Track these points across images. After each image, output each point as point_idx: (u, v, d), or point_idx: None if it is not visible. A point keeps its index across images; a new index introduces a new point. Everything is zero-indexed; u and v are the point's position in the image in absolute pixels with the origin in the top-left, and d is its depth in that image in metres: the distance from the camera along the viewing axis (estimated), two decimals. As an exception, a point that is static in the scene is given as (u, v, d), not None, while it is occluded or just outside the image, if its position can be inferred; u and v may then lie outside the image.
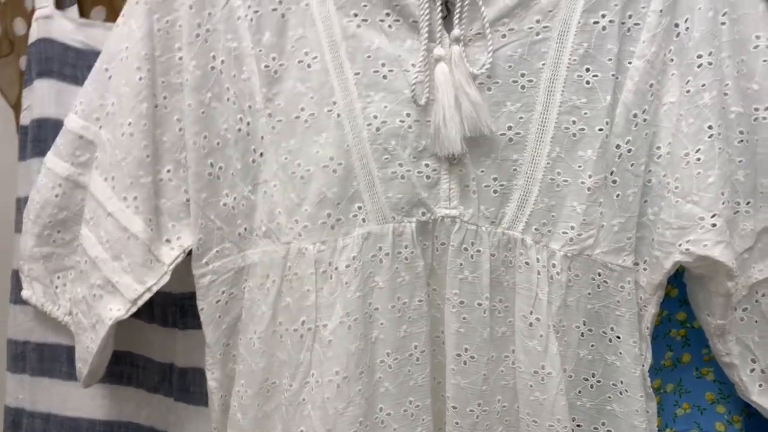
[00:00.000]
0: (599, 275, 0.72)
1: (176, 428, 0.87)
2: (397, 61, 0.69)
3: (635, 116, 0.70)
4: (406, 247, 0.71)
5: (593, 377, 0.74)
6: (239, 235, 0.73)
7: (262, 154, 0.71)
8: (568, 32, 0.69)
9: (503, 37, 0.69)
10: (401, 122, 0.70)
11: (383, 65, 0.70)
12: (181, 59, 0.71)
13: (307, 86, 0.70)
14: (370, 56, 0.70)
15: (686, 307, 0.81)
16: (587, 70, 0.69)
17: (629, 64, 0.70)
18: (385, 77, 0.70)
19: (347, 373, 0.70)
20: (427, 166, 0.71)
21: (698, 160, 0.69)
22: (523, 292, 0.72)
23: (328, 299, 0.71)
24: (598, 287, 0.73)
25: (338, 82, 0.69)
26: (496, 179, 0.72)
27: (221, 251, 0.73)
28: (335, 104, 0.70)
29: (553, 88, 0.70)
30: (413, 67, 0.69)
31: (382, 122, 0.70)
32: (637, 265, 0.73)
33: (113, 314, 0.73)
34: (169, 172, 0.73)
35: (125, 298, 0.72)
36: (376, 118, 0.70)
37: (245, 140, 0.71)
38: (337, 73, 0.69)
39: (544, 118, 0.70)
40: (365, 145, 0.70)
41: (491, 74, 0.69)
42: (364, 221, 0.71)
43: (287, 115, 0.70)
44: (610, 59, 0.69)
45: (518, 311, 0.72)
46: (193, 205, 0.72)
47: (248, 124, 0.71)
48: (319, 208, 0.70)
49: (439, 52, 0.69)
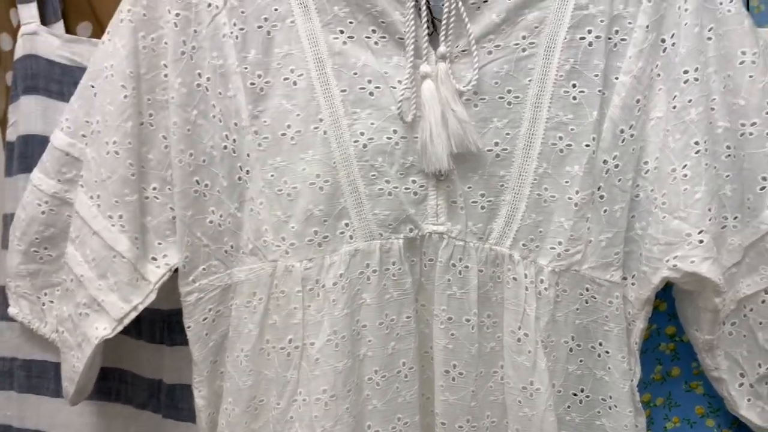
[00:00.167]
0: (587, 290, 0.72)
1: (165, 445, 0.87)
2: (383, 77, 0.69)
3: (622, 132, 0.70)
4: (393, 263, 0.71)
5: (582, 392, 0.74)
6: (226, 252, 0.73)
7: (248, 171, 0.71)
8: (554, 48, 0.69)
9: (489, 53, 0.69)
10: (388, 139, 0.70)
11: (369, 82, 0.69)
12: (166, 77, 0.70)
13: (293, 103, 0.70)
14: (356, 73, 0.69)
15: (675, 320, 0.81)
16: (574, 86, 0.69)
17: (616, 79, 0.70)
18: (371, 94, 0.70)
19: (335, 391, 0.69)
20: (414, 182, 0.71)
21: (685, 176, 0.69)
22: (511, 307, 0.72)
23: (315, 317, 0.70)
24: (586, 302, 0.73)
25: (324, 99, 0.69)
26: (483, 195, 0.71)
27: (208, 269, 0.73)
28: (321, 121, 0.69)
29: (539, 104, 0.70)
30: (400, 83, 0.69)
31: (368, 139, 0.70)
32: (625, 280, 0.73)
33: (99, 333, 0.72)
34: (155, 189, 0.72)
35: (111, 316, 0.72)
36: (362, 135, 0.70)
37: (231, 158, 0.71)
38: (323, 90, 0.69)
39: (530, 134, 0.70)
40: (352, 162, 0.70)
41: (478, 91, 0.69)
42: (351, 238, 0.71)
43: (273, 132, 0.70)
44: (596, 75, 0.69)
45: (506, 327, 0.72)
46: (179, 222, 0.71)
47: (234, 141, 0.71)
48: (305, 225, 0.70)
49: (425, 69, 0.68)
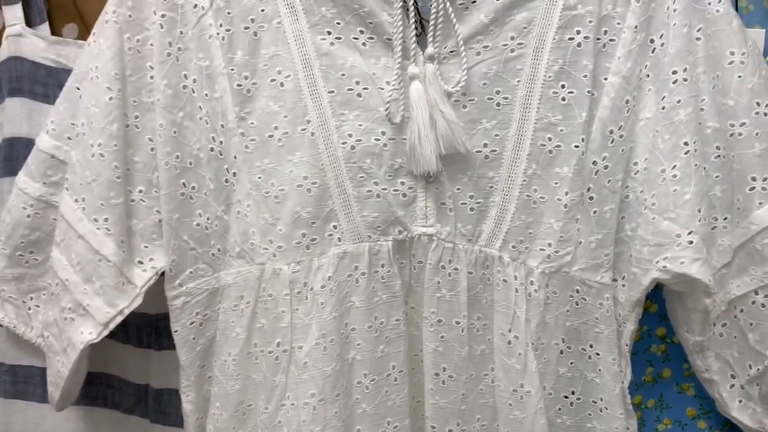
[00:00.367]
0: (577, 292, 0.72)
1: (153, 450, 0.86)
2: (371, 79, 0.69)
3: (611, 132, 0.70)
4: (382, 266, 0.71)
5: (573, 395, 0.74)
6: (213, 256, 0.72)
7: (235, 173, 0.71)
8: (543, 49, 0.69)
9: (478, 54, 0.69)
10: (376, 140, 0.69)
11: (357, 83, 0.69)
12: (152, 78, 0.70)
13: (280, 105, 0.69)
14: (344, 74, 0.69)
15: (666, 322, 0.81)
16: (563, 86, 0.69)
17: (605, 80, 0.70)
18: (359, 95, 0.69)
19: (323, 395, 0.69)
20: (402, 184, 0.71)
21: (674, 176, 0.69)
22: (501, 309, 0.72)
23: (303, 320, 0.70)
24: (576, 304, 0.72)
25: (312, 100, 0.69)
26: (472, 197, 0.71)
27: (195, 272, 0.72)
28: (309, 123, 0.69)
29: (528, 104, 0.69)
30: (388, 85, 0.68)
31: (356, 141, 0.69)
32: (615, 281, 0.73)
33: (84, 338, 0.71)
34: (141, 192, 0.72)
35: (96, 321, 0.71)
36: (350, 136, 0.69)
37: (218, 160, 0.71)
38: (310, 91, 0.69)
39: (519, 135, 0.70)
40: (340, 163, 0.69)
41: (466, 92, 0.69)
42: (339, 240, 0.70)
43: (260, 134, 0.70)
44: (585, 75, 0.69)
45: (497, 329, 0.72)
46: (165, 225, 0.71)
47: (221, 143, 0.70)
48: (293, 227, 0.70)
49: (413, 70, 0.68)
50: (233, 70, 0.69)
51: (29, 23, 0.82)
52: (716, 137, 0.70)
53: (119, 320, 0.72)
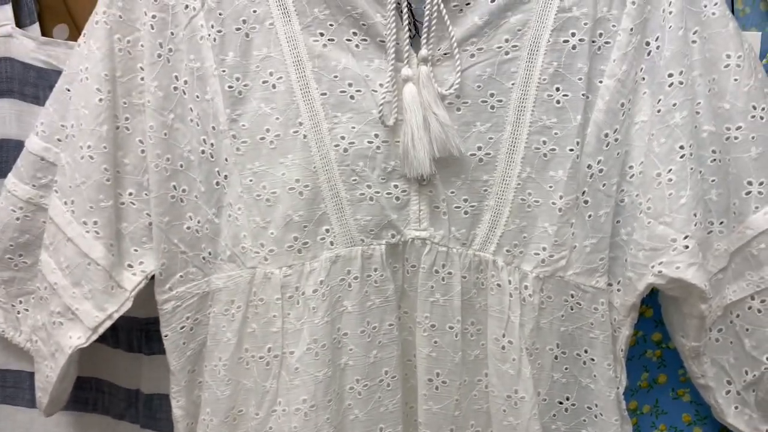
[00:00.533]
0: (572, 297, 0.71)
1: (143, 456, 0.85)
2: (364, 81, 0.68)
3: (606, 136, 0.69)
4: (375, 270, 0.70)
5: (567, 400, 0.73)
6: (203, 259, 0.71)
7: (226, 176, 0.70)
8: (537, 51, 0.68)
9: (472, 56, 0.68)
10: (369, 143, 0.69)
11: (350, 85, 0.68)
12: (143, 80, 0.69)
13: (272, 107, 0.68)
14: (336, 76, 0.68)
15: (661, 327, 0.80)
16: (557, 89, 0.68)
17: (600, 83, 0.69)
18: (352, 97, 0.68)
19: (315, 401, 0.68)
20: (396, 187, 0.70)
21: (670, 180, 0.68)
22: (495, 314, 0.71)
23: (294, 325, 0.69)
24: (571, 309, 0.72)
25: (304, 102, 0.68)
26: (466, 200, 0.70)
27: (185, 276, 0.71)
28: (301, 125, 0.68)
29: (522, 107, 0.69)
30: (381, 87, 0.68)
31: (349, 143, 0.69)
32: (610, 286, 0.72)
33: (73, 342, 0.70)
34: (131, 195, 0.71)
35: (85, 325, 0.70)
36: (343, 139, 0.69)
37: (209, 162, 0.70)
38: (303, 93, 0.68)
39: (514, 138, 0.69)
40: (333, 166, 0.69)
41: (460, 94, 0.68)
42: (332, 244, 0.70)
43: (252, 136, 0.69)
44: (580, 78, 0.68)
45: (491, 334, 0.71)
46: (155, 229, 0.70)
47: (212, 145, 0.69)
48: (285, 231, 0.69)
49: (406, 72, 0.67)
50: (224, 71, 0.68)
51: (19, 24, 0.81)
52: (712, 141, 0.70)
53: (108, 325, 0.71)
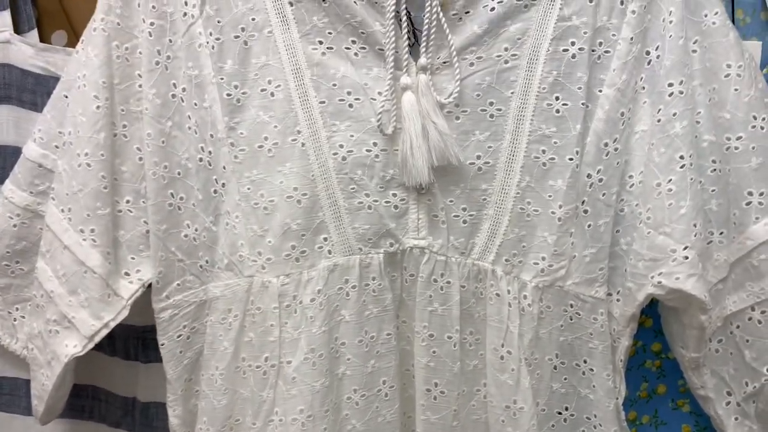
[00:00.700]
0: (571, 307, 0.71)
1: (140, 464, 0.85)
2: (363, 89, 0.68)
3: (606, 145, 0.69)
4: (373, 279, 0.70)
5: (566, 411, 0.73)
6: (201, 267, 0.71)
7: (224, 184, 0.69)
8: (537, 60, 0.68)
9: (471, 65, 0.68)
10: (368, 152, 0.68)
11: (349, 94, 0.68)
12: (140, 87, 0.69)
13: (270, 115, 0.68)
14: (335, 84, 0.68)
15: (661, 337, 0.80)
16: (557, 98, 0.68)
17: (600, 92, 0.69)
18: (351, 106, 0.68)
19: (312, 411, 0.68)
20: (394, 196, 0.70)
21: (670, 190, 0.68)
22: (494, 324, 0.71)
23: (292, 334, 0.69)
24: (570, 319, 0.71)
25: (303, 110, 0.68)
26: (465, 209, 0.70)
27: (182, 284, 0.71)
28: (299, 133, 0.68)
29: (522, 116, 0.68)
30: (379, 95, 0.67)
31: (348, 152, 0.68)
32: (610, 296, 0.72)
33: (69, 351, 0.70)
34: (128, 203, 0.70)
35: (81, 334, 0.70)
36: (342, 147, 0.68)
37: (207, 170, 0.69)
38: (301, 101, 0.68)
39: (513, 147, 0.69)
40: (331, 175, 0.68)
41: (459, 103, 0.68)
42: (329, 253, 0.69)
43: (250, 144, 0.68)
44: (580, 87, 0.68)
45: (489, 344, 0.71)
46: (152, 237, 0.70)
47: (210, 153, 0.69)
48: (283, 239, 0.69)
49: (405, 80, 0.67)
50: (223, 79, 0.68)
51: (18, 30, 0.81)
52: (712, 151, 0.69)
53: (105, 333, 0.70)
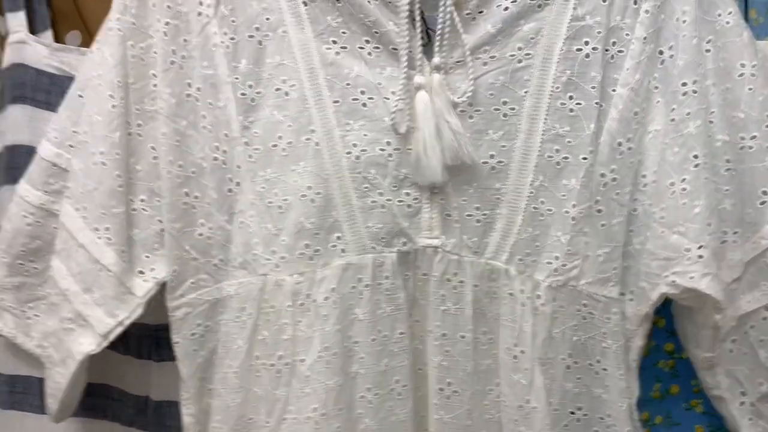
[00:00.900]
0: (585, 306, 0.71)
1: (152, 463, 0.85)
2: (376, 88, 0.68)
3: (620, 145, 0.69)
4: (386, 278, 0.70)
5: (579, 411, 0.72)
6: (215, 266, 0.71)
7: (238, 183, 0.70)
8: (550, 60, 0.68)
9: (485, 64, 0.68)
10: (381, 151, 0.69)
11: (363, 93, 0.68)
12: (155, 86, 0.69)
13: (284, 114, 0.68)
14: (349, 84, 0.68)
15: (674, 337, 0.80)
16: (570, 97, 0.68)
17: (613, 91, 0.69)
18: (364, 105, 0.68)
19: (325, 409, 0.68)
20: (407, 195, 0.70)
21: (684, 190, 0.68)
22: (507, 323, 0.70)
23: (305, 333, 0.69)
24: (583, 318, 0.71)
25: (317, 110, 0.68)
26: (478, 208, 0.70)
27: (196, 283, 0.71)
28: (313, 132, 0.68)
29: (535, 116, 0.68)
30: (393, 95, 0.67)
31: (361, 151, 0.68)
32: (623, 295, 0.72)
33: (84, 349, 0.70)
34: (143, 201, 0.71)
35: (96, 332, 0.70)
36: (355, 146, 0.68)
37: (221, 169, 0.70)
38: (315, 101, 0.68)
39: (526, 146, 0.69)
40: (345, 173, 0.68)
41: (473, 102, 0.68)
42: (343, 252, 0.69)
43: (264, 143, 0.69)
44: (593, 87, 0.68)
45: (502, 344, 0.71)
46: (167, 235, 0.70)
47: (224, 152, 0.69)
48: (296, 238, 0.69)
49: (419, 80, 0.67)
50: (237, 78, 0.68)
51: (33, 30, 0.82)
52: (726, 150, 0.69)
53: (119, 331, 0.71)
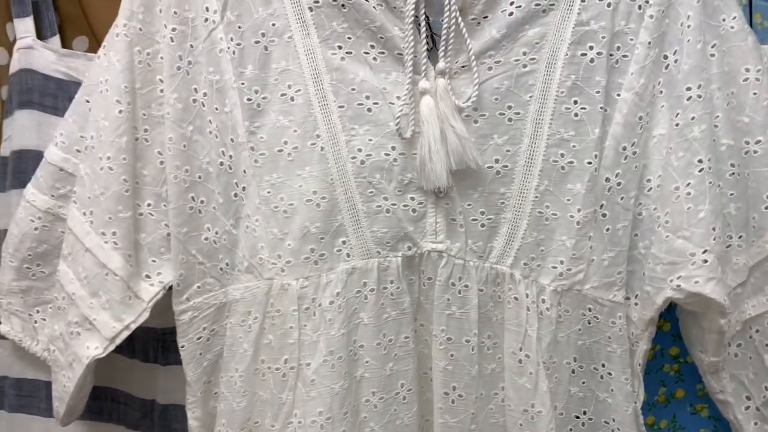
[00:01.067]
0: (590, 310, 0.71)
1: (158, 466, 0.85)
2: (381, 93, 0.68)
3: (624, 149, 0.69)
4: (391, 282, 0.70)
5: (585, 415, 0.72)
6: (221, 270, 0.71)
7: (244, 188, 0.70)
8: (555, 64, 0.68)
9: (489, 69, 0.68)
10: (386, 155, 0.69)
11: (368, 98, 0.68)
12: (162, 92, 0.70)
13: (290, 119, 0.69)
14: (354, 89, 0.68)
15: (679, 341, 0.80)
16: (575, 102, 0.68)
17: (618, 96, 0.69)
18: (369, 110, 0.69)
19: (331, 413, 0.68)
20: (412, 199, 0.70)
21: (688, 194, 0.68)
22: (512, 328, 0.71)
23: (311, 337, 0.69)
24: (588, 323, 0.71)
25: (322, 115, 0.68)
26: (483, 213, 0.70)
27: (203, 287, 0.71)
28: (319, 137, 0.68)
29: (540, 120, 0.69)
30: (398, 99, 0.68)
31: (366, 155, 0.69)
32: (628, 300, 0.72)
33: (90, 352, 0.71)
34: (149, 206, 0.71)
35: (103, 336, 0.70)
36: (360, 151, 0.69)
37: (227, 174, 0.70)
38: (320, 106, 0.68)
39: (531, 151, 0.69)
40: (350, 178, 0.69)
41: (478, 107, 0.68)
42: (348, 256, 0.70)
43: (270, 148, 0.69)
44: (598, 92, 0.68)
45: (507, 348, 0.71)
46: (173, 240, 0.70)
47: (230, 157, 0.70)
48: (302, 243, 0.69)
49: (424, 84, 0.67)
50: (243, 84, 0.69)
51: (40, 36, 0.82)
52: (731, 154, 0.69)
53: (126, 335, 0.71)
